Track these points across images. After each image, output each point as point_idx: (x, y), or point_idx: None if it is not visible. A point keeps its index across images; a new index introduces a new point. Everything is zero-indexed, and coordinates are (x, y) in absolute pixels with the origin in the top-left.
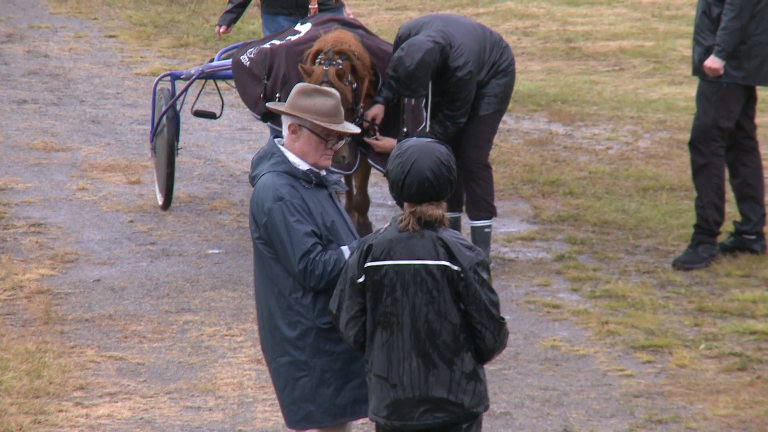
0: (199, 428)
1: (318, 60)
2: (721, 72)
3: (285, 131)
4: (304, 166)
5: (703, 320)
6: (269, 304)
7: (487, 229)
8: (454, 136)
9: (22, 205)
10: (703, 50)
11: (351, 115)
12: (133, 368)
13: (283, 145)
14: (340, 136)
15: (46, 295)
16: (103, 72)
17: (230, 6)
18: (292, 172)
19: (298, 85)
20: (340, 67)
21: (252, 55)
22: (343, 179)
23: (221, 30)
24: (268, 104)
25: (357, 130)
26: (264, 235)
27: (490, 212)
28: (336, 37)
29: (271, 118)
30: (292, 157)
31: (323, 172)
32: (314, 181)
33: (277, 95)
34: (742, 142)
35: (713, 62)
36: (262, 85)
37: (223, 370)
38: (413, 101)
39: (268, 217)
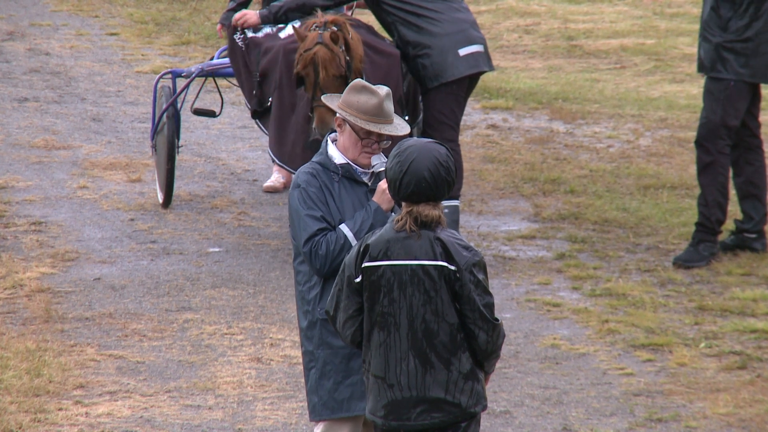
0: (199, 427)
1: (313, 27)
2: None
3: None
4: (341, 159)
5: (703, 319)
6: (295, 294)
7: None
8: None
9: (23, 203)
10: (711, 47)
11: (344, 83)
12: (133, 367)
13: (335, 140)
14: (382, 137)
15: (47, 293)
16: (105, 70)
17: (232, 4)
18: (324, 164)
19: (354, 81)
20: (335, 30)
21: (251, 38)
22: None
23: (225, 30)
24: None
25: (403, 131)
26: (290, 221)
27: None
28: (333, 15)
29: (260, 117)
30: (332, 150)
31: (369, 169)
32: (341, 173)
33: (270, 99)
34: (746, 140)
35: None
36: (254, 82)
37: (223, 369)
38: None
39: (288, 202)
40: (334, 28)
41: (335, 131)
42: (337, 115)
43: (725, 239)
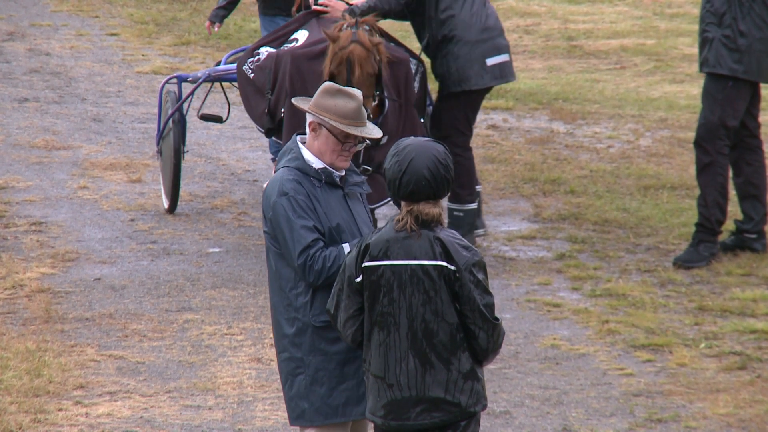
0: (199, 427)
1: (345, 27)
2: None
3: (307, 129)
4: (318, 164)
5: (703, 319)
6: (274, 300)
7: (456, 213)
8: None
9: (23, 203)
10: (709, 43)
11: (375, 82)
12: (133, 367)
13: (304, 142)
14: (358, 139)
15: (47, 293)
16: (105, 70)
17: (223, 2)
18: (304, 169)
19: (325, 84)
20: (368, 30)
21: (257, 64)
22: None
23: (214, 27)
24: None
25: (378, 134)
26: (269, 229)
27: (453, 197)
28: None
29: (275, 133)
30: (307, 155)
31: (341, 172)
32: (323, 179)
33: (282, 110)
34: (745, 140)
35: None
36: (266, 100)
37: (223, 369)
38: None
39: (273, 211)
40: (367, 27)
41: (305, 133)
42: (311, 119)
43: (725, 239)
